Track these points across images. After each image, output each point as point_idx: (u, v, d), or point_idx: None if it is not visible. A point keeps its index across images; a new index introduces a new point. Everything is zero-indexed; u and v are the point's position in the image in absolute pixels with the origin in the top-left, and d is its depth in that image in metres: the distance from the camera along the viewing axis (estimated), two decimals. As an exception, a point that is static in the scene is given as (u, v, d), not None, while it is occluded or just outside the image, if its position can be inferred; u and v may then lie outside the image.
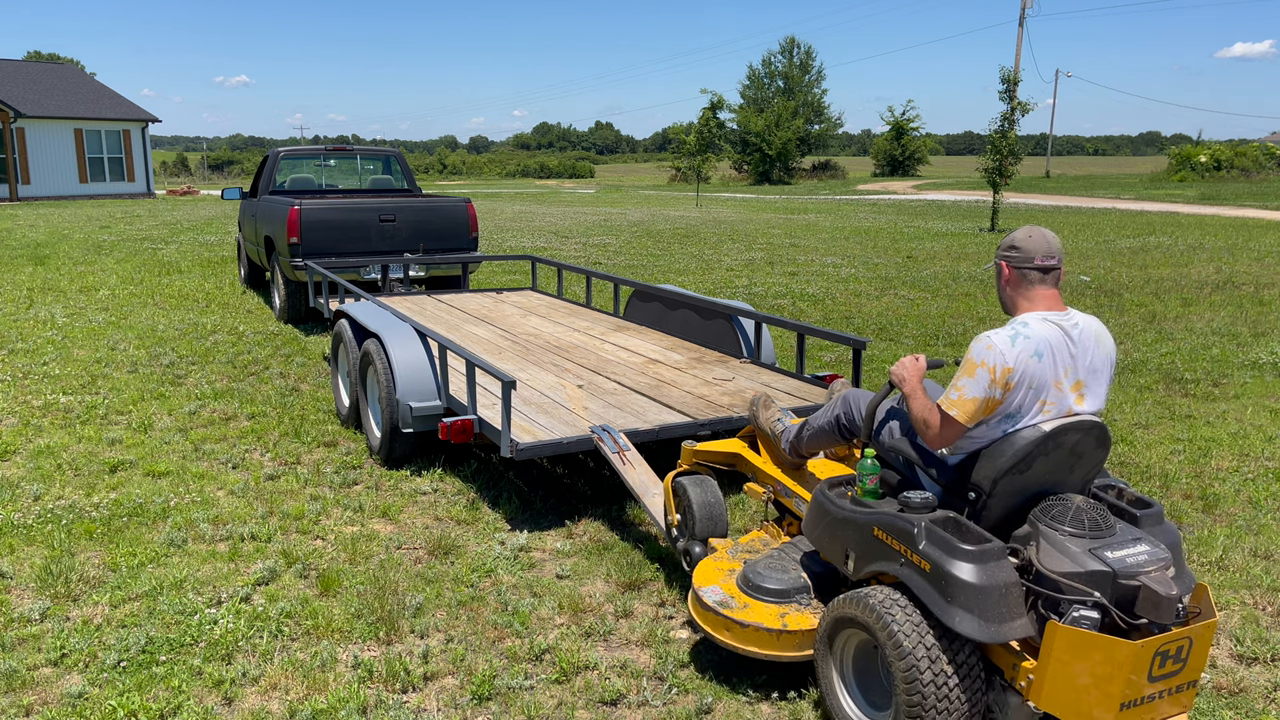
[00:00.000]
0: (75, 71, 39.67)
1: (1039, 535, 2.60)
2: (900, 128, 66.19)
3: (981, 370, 2.69)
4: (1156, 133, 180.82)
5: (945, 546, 2.55)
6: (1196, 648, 2.49)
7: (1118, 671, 2.38)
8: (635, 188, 50.55)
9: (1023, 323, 2.74)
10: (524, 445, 4.20)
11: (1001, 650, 2.61)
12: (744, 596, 3.10)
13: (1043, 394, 2.72)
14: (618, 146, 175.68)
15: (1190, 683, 2.53)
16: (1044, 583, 2.52)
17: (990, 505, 2.72)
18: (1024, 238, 2.81)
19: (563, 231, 20.52)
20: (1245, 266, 13.87)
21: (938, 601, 2.53)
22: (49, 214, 24.72)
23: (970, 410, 2.72)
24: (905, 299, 11.11)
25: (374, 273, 8.99)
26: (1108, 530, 2.59)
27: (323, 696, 3.00)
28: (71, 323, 9.35)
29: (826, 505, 2.97)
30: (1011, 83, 20.18)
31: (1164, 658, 2.43)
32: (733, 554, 3.41)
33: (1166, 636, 2.41)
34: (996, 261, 2.89)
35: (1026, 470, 2.70)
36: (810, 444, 3.42)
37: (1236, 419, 6.12)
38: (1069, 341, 2.74)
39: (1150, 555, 2.53)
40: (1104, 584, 2.47)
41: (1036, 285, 2.80)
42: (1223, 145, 52.47)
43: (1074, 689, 2.42)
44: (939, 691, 2.52)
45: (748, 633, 2.98)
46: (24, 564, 3.96)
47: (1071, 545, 2.54)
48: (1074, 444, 2.72)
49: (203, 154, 73.94)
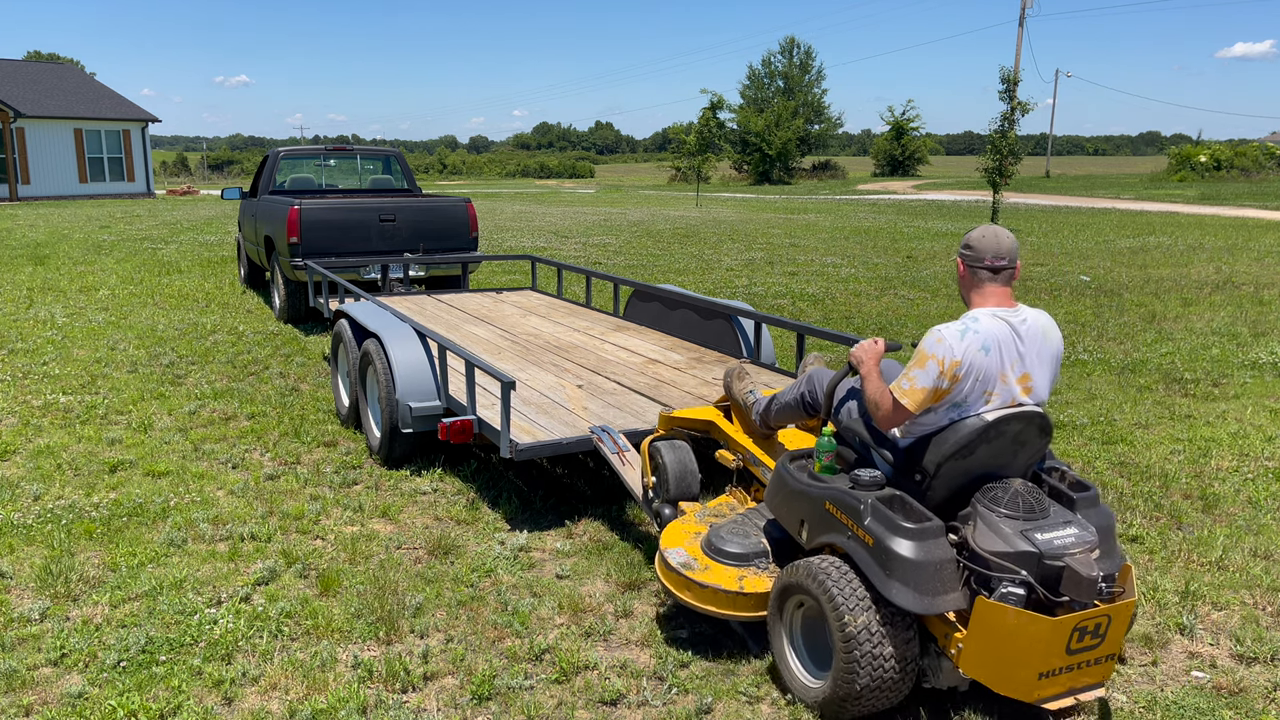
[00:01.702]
0: (75, 71, 39.67)
1: (977, 516, 2.79)
2: (900, 128, 66.20)
3: (931, 362, 2.84)
4: (1156, 133, 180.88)
5: (888, 523, 2.74)
6: (1115, 624, 2.68)
7: (1036, 645, 2.58)
8: (635, 188, 50.55)
9: (973, 318, 2.90)
10: (523, 446, 4.20)
11: (936, 620, 2.80)
12: (706, 559, 3.27)
13: (989, 386, 2.87)
14: (618, 146, 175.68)
15: (1108, 655, 2.72)
16: (977, 560, 2.71)
17: (934, 486, 2.90)
18: (978, 238, 2.96)
19: (563, 231, 20.52)
20: (1245, 266, 13.87)
21: (878, 574, 2.72)
22: (49, 214, 24.72)
23: (919, 399, 2.87)
24: (905, 299, 11.11)
25: (374, 272, 8.99)
26: (1041, 513, 2.77)
27: (323, 696, 3.00)
28: (71, 323, 9.35)
29: (786, 478, 3.14)
30: (1011, 83, 20.19)
31: (1082, 633, 2.63)
32: (700, 517, 3.56)
33: (1084, 614, 2.60)
34: (956, 259, 3.06)
35: (969, 456, 2.86)
36: (778, 417, 3.60)
37: (1236, 419, 6.13)
38: (1016, 337, 2.90)
39: (1077, 538, 2.71)
40: (1031, 564, 2.66)
41: (988, 283, 2.95)
42: (1223, 145, 52.47)
43: (997, 659, 2.63)
44: (874, 656, 2.72)
45: (706, 593, 3.15)
46: (24, 564, 3.96)
47: (1005, 526, 2.73)
48: (1016, 433, 2.88)
49: (203, 154, 73.94)
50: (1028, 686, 2.65)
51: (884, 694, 2.78)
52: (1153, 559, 4.05)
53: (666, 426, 4.04)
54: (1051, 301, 10.85)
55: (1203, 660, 3.28)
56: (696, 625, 3.49)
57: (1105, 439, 5.68)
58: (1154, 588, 3.76)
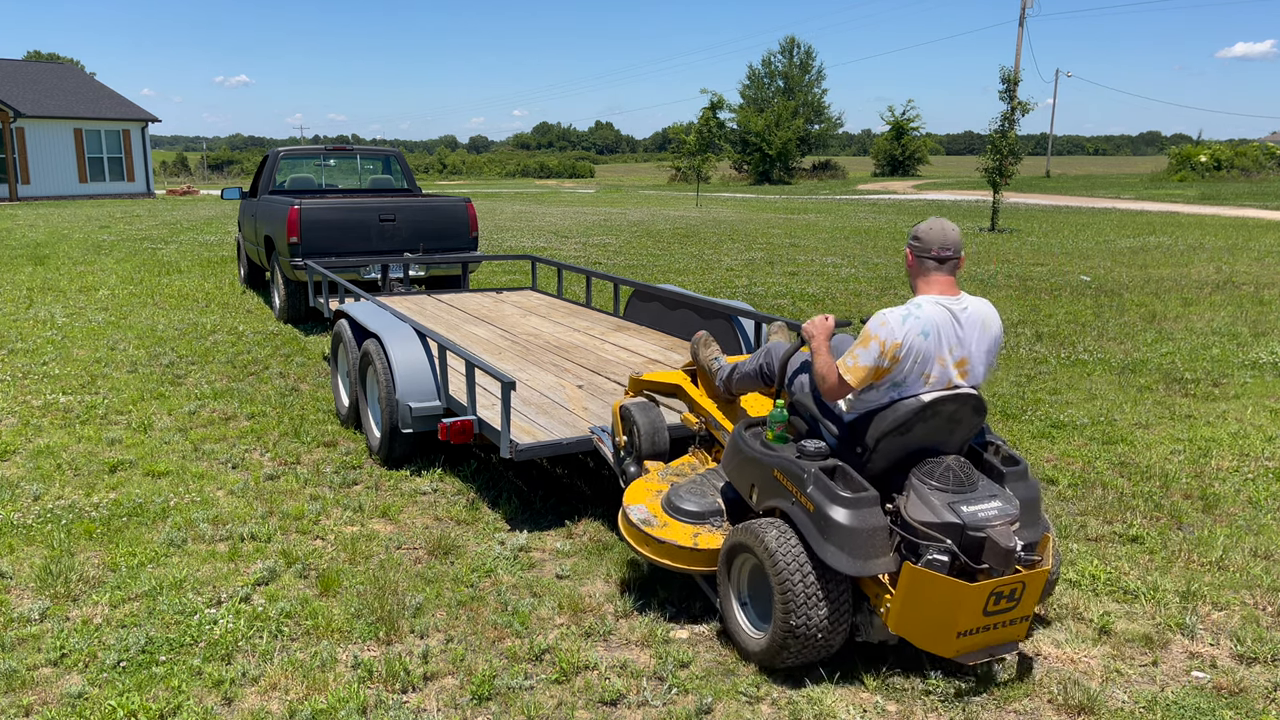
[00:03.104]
0: (75, 71, 39.66)
1: (911, 488, 3.02)
2: (900, 128, 66.18)
3: (874, 343, 3.04)
4: (1156, 133, 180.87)
5: (827, 492, 2.96)
6: (1029, 590, 2.94)
7: (956, 607, 2.84)
8: (635, 188, 50.55)
9: (917, 304, 3.11)
10: (523, 446, 4.19)
11: (869, 581, 3.02)
12: (665, 516, 3.46)
13: (927, 368, 3.06)
14: (618, 146, 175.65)
15: (1023, 617, 2.99)
16: (907, 529, 2.95)
17: (874, 459, 3.12)
18: (926, 230, 3.17)
19: (563, 231, 20.51)
20: (1245, 266, 13.87)
21: (816, 538, 2.95)
22: (49, 214, 24.72)
23: (861, 376, 3.07)
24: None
25: (374, 272, 8.99)
26: (969, 487, 3.00)
27: (323, 696, 3.00)
28: (71, 323, 9.35)
29: (740, 444, 3.34)
30: (1011, 83, 20.17)
31: (999, 597, 2.89)
32: (663, 476, 3.75)
33: (1001, 580, 2.86)
34: (906, 248, 3.25)
35: (907, 433, 3.07)
36: (739, 385, 3.79)
37: (1236, 419, 6.12)
38: (956, 324, 3.10)
39: (999, 512, 2.96)
40: (955, 534, 2.91)
41: (934, 272, 3.15)
42: (1223, 145, 52.48)
43: (921, 619, 2.88)
44: (810, 612, 2.95)
45: (663, 548, 3.36)
46: (24, 564, 3.96)
47: (934, 499, 2.96)
48: (951, 413, 3.09)
49: (203, 154, 73.93)
50: (948, 644, 2.91)
51: (817, 646, 3.02)
52: (1153, 559, 4.05)
53: (636, 389, 4.27)
54: (1052, 301, 10.85)
55: (1203, 660, 3.28)
56: (696, 625, 3.49)
57: (1105, 439, 5.68)
58: (1154, 588, 3.75)
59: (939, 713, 2.96)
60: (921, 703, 3.00)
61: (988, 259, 15.09)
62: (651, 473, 3.79)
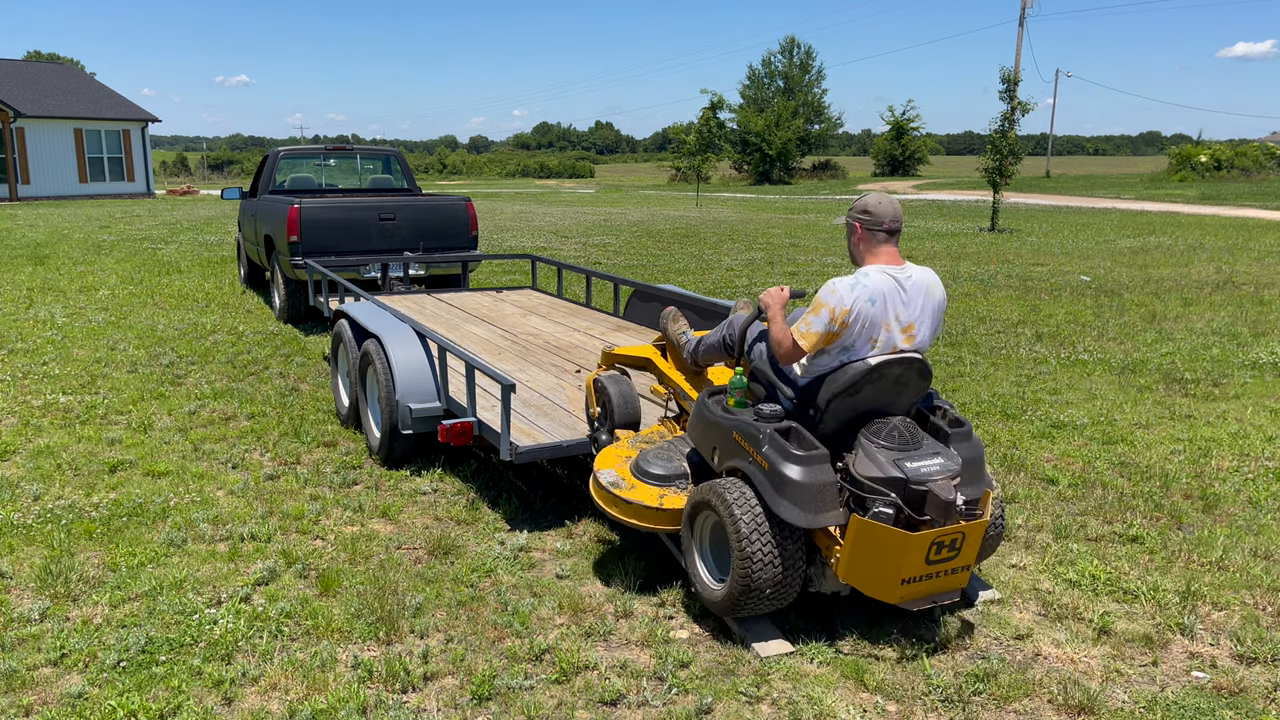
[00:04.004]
0: (75, 71, 39.66)
1: (859, 446, 3.21)
2: (900, 128, 66.16)
3: (825, 310, 3.25)
4: (1156, 133, 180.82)
5: (781, 450, 3.15)
6: (968, 540, 3.14)
7: (900, 556, 3.04)
8: (635, 188, 50.54)
9: (865, 273, 3.31)
10: (523, 449, 4.19)
11: (820, 533, 3.22)
12: (633, 479, 3.65)
13: (874, 333, 3.27)
14: (618, 146, 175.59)
15: (964, 567, 3.19)
16: (855, 484, 3.15)
17: (826, 420, 3.31)
18: (875, 204, 3.39)
19: (563, 231, 20.51)
20: (1245, 266, 13.87)
21: (771, 494, 3.14)
22: (49, 214, 24.72)
23: (813, 341, 3.28)
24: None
25: (374, 271, 8.99)
26: (914, 445, 3.20)
27: (323, 696, 3.00)
28: (71, 323, 9.35)
29: (703, 411, 3.55)
30: (1011, 83, 20.17)
31: (940, 547, 3.08)
32: (632, 444, 3.94)
33: (941, 531, 3.05)
34: (850, 222, 3.44)
35: (856, 394, 3.27)
36: (705, 356, 3.98)
37: (1236, 419, 6.12)
38: (901, 291, 3.30)
39: (941, 467, 3.14)
40: (899, 488, 3.09)
41: (882, 244, 3.38)
42: (1223, 145, 52.46)
43: (868, 568, 3.08)
44: (765, 564, 3.14)
45: (631, 508, 3.56)
46: (24, 564, 3.96)
47: (880, 455, 3.15)
48: (898, 375, 3.28)
49: (203, 154, 73.92)
50: (893, 591, 3.11)
51: (773, 596, 3.21)
52: (1153, 559, 4.05)
53: (608, 362, 4.45)
54: (1052, 301, 10.85)
55: (1203, 660, 3.28)
56: (696, 625, 3.49)
57: (1105, 439, 5.68)
58: (1154, 588, 3.75)
59: (939, 713, 2.96)
60: (921, 703, 3.00)
61: (988, 259, 15.08)
62: (622, 440, 3.98)
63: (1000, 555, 4.09)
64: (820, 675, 3.14)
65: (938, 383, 7.04)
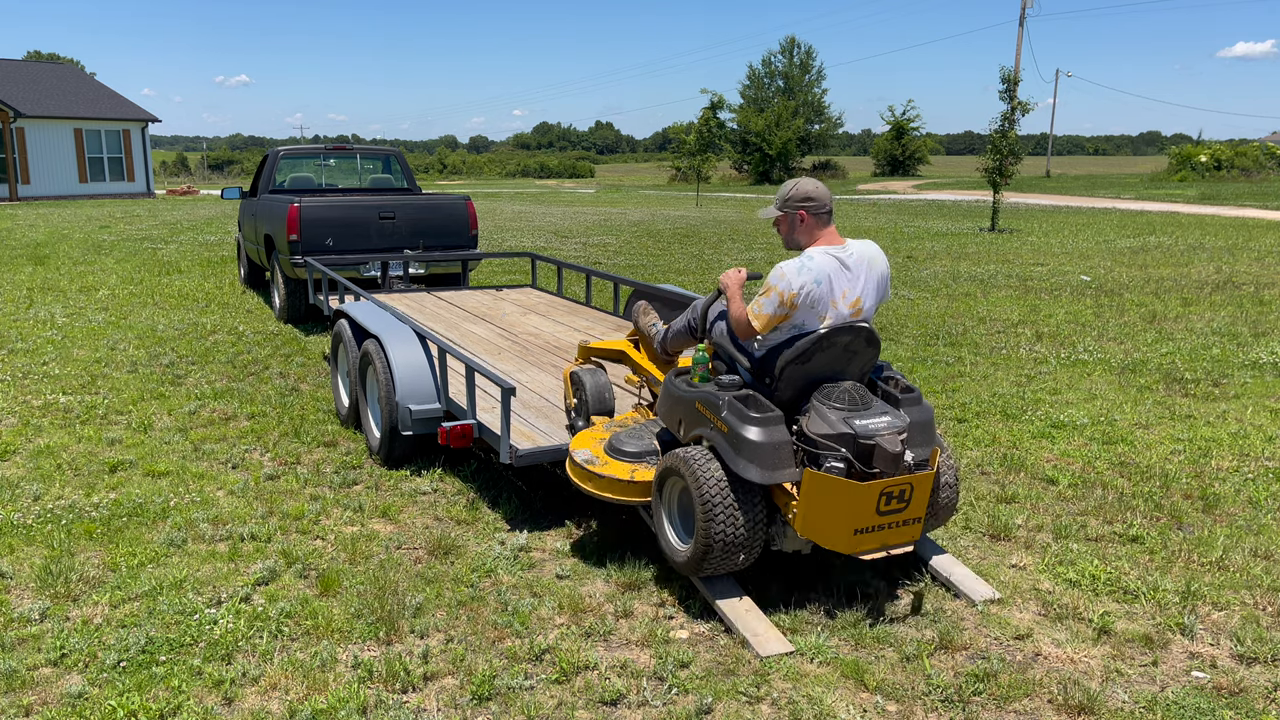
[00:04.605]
0: (75, 71, 39.66)
1: (812, 408, 3.42)
2: (900, 127, 66.15)
3: (774, 293, 3.48)
4: (1156, 132, 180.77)
5: (739, 414, 3.35)
6: (917, 491, 3.33)
7: (851, 506, 3.23)
8: (635, 188, 50.54)
9: (809, 256, 3.53)
10: (524, 452, 4.19)
11: (779, 492, 3.39)
12: (606, 457, 3.89)
13: (822, 311, 3.50)
14: (618, 146, 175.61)
15: (915, 519, 3.38)
16: (808, 442, 3.34)
17: (781, 388, 3.53)
18: (814, 190, 3.62)
19: (563, 231, 20.51)
20: (1245, 266, 13.87)
21: (731, 455, 3.33)
22: (49, 214, 24.72)
23: (764, 321, 3.53)
24: (905, 299, 11.11)
25: (374, 270, 8.99)
26: (864, 406, 3.41)
27: (323, 696, 3.00)
28: (71, 323, 9.35)
29: (670, 388, 3.77)
30: (1011, 83, 20.16)
31: (889, 497, 3.27)
32: (607, 427, 4.17)
33: (889, 481, 3.25)
34: (793, 213, 3.63)
35: (808, 362, 3.48)
36: (674, 343, 4.20)
37: (1236, 419, 6.12)
38: (845, 269, 3.55)
39: (888, 425, 3.35)
40: (849, 443, 3.30)
41: (824, 226, 3.63)
42: (1223, 145, 52.42)
43: (822, 519, 3.26)
44: (727, 521, 3.32)
45: (604, 482, 3.79)
46: (24, 564, 3.96)
47: (831, 415, 3.36)
48: (847, 343, 3.50)
49: (203, 154, 73.91)
50: (846, 541, 3.30)
51: (735, 553, 3.38)
52: (1153, 559, 4.05)
53: (585, 356, 4.72)
54: (1052, 301, 10.86)
55: (1203, 660, 3.28)
56: (696, 625, 3.49)
57: (1105, 439, 5.68)
58: (1154, 588, 3.75)
59: (939, 712, 2.96)
60: (921, 703, 3.01)
61: (989, 259, 15.08)
62: (597, 425, 4.25)
63: (1000, 555, 4.09)
64: (820, 675, 3.14)
65: (937, 382, 7.04)
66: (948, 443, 4.03)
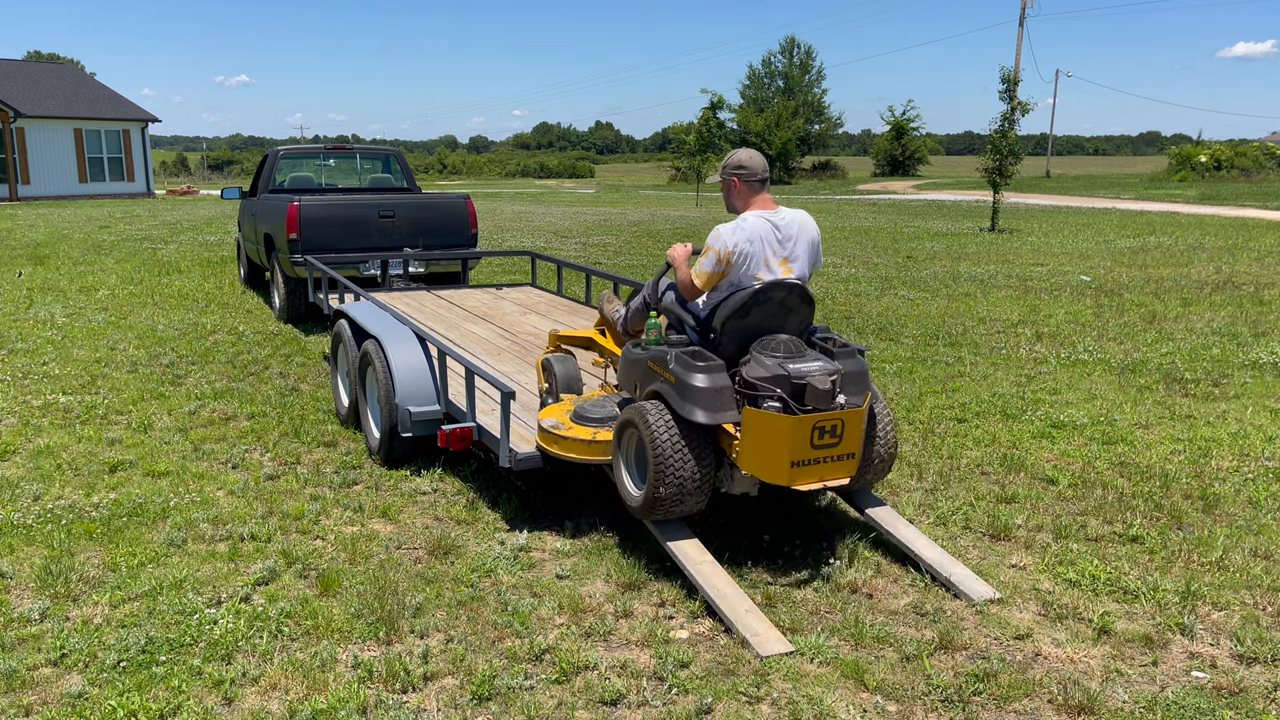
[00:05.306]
0: (75, 71, 39.66)
1: (752, 358, 3.74)
2: (900, 128, 66.14)
3: (712, 253, 3.87)
4: (1156, 133, 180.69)
5: (685, 364, 3.67)
6: (848, 427, 3.63)
7: (787, 439, 3.50)
8: (635, 188, 50.53)
9: (744, 219, 3.89)
10: (523, 455, 4.19)
11: (724, 435, 3.71)
12: (570, 423, 4.19)
13: (756, 269, 3.85)
14: (618, 146, 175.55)
15: (849, 454, 3.67)
16: (748, 386, 3.64)
17: (723, 342, 3.86)
18: (748, 159, 3.98)
19: (563, 231, 20.51)
20: (1245, 266, 13.87)
21: (679, 401, 3.64)
22: (49, 214, 24.72)
23: (705, 279, 3.90)
24: (905, 299, 11.11)
25: (374, 269, 8.98)
26: (799, 354, 3.72)
27: (323, 696, 3.00)
28: (71, 323, 9.35)
29: (627, 354, 4.11)
30: (1011, 83, 20.16)
31: (822, 431, 3.56)
32: (573, 402, 4.47)
33: (821, 415, 3.55)
34: (727, 179, 4.00)
35: (746, 316, 3.82)
36: (633, 322, 4.48)
37: (1236, 419, 6.12)
38: (776, 231, 3.89)
39: (820, 368, 3.65)
40: (784, 384, 3.61)
41: (757, 193, 3.97)
42: (1223, 145, 52.41)
43: (762, 453, 3.54)
44: (676, 463, 3.62)
45: (568, 443, 4.07)
46: (24, 564, 3.96)
47: (768, 361, 3.68)
48: (782, 299, 3.83)
49: (203, 154, 73.92)
50: (785, 473, 3.54)
51: (687, 497, 3.68)
52: (1153, 559, 4.05)
53: (555, 344, 5.04)
54: (1052, 301, 10.86)
55: (1203, 660, 3.28)
56: (696, 625, 3.49)
57: (1105, 439, 5.68)
58: (1154, 588, 3.75)
59: (939, 712, 2.96)
60: (921, 703, 3.01)
61: (989, 259, 15.08)
62: (565, 400, 4.57)
63: (1000, 555, 4.09)
64: (820, 675, 3.14)
65: (937, 382, 7.04)
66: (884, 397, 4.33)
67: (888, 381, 7.10)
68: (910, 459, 5.31)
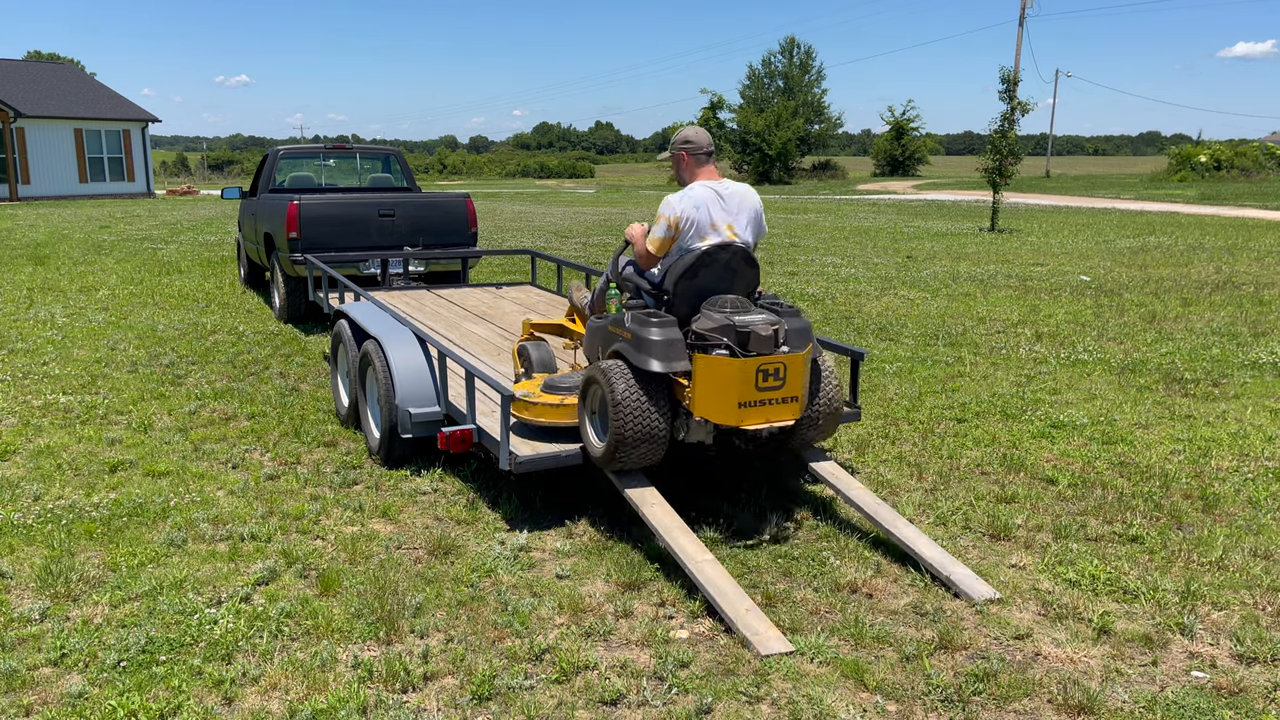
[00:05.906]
0: (75, 71, 39.65)
1: (702, 314, 4.07)
2: (900, 128, 66.14)
3: (663, 220, 4.27)
4: (1156, 133, 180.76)
5: (640, 322, 4.02)
6: (790, 371, 3.94)
7: (734, 381, 3.83)
8: (635, 188, 50.51)
9: (690, 188, 4.29)
10: (523, 459, 4.18)
11: (678, 385, 4.03)
12: (541, 393, 4.53)
13: (703, 233, 4.24)
14: (618, 146, 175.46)
15: (792, 397, 3.97)
16: (698, 338, 3.97)
17: (675, 302, 4.20)
18: (694, 135, 4.40)
19: (563, 231, 20.51)
20: (1245, 266, 13.87)
21: (636, 355, 3.97)
22: (49, 214, 24.72)
23: (658, 244, 4.31)
24: (905, 299, 11.11)
25: (374, 267, 8.98)
26: (744, 309, 4.04)
27: (323, 696, 3.00)
28: (71, 323, 9.35)
29: (591, 324, 4.54)
30: (1011, 83, 20.15)
31: (766, 374, 3.88)
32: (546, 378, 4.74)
33: (764, 359, 3.86)
34: (676, 154, 4.42)
35: (695, 277, 4.17)
36: (598, 304, 4.80)
37: (1236, 419, 6.12)
38: (720, 199, 4.29)
39: (764, 319, 3.95)
40: (731, 334, 3.91)
41: (703, 165, 4.39)
42: (1223, 145, 52.41)
43: (711, 396, 3.86)
44: (635, 412, 3.93)
45: (538, 408, 4.42)
46: (24, 564, 3.96)
47: (716, 315, 4.00)
48: (727, 260, 4.20)
49: (203, 154, 73.90)
50: (733, 414, 3.86)
51: (646, 446, 3.99)
52: (1153, 559, 4.05)
53: (528, 331, 5.48)
54: (1052, 301, 10.85)
55: (1203, 660, 3.28)
56: (696, 625, 3.49)
57: (1105, 439, 5.68)
58: (1154, 588, 3.75)
59: (939, 712, 2.96)
60: (921, 703, 3.01)
61: (989, 259, 15.08)
62: (538, 378, 4.90)
63: (1000, 555, 4.09)
64: (820, 675, 3.14)
65: (937, 382, 7.04)
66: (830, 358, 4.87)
67: (888, 381, 7.10)
68: (910, 459, 5.31)
